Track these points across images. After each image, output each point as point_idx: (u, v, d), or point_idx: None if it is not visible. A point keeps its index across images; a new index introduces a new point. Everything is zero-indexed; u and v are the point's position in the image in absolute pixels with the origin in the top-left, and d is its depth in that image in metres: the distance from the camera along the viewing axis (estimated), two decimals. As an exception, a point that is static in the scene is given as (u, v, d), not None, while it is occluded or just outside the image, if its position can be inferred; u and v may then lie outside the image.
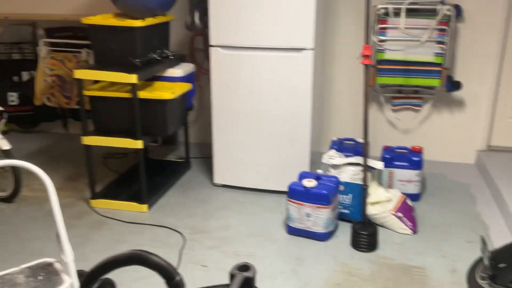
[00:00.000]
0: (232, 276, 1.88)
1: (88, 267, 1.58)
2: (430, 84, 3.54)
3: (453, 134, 3.81)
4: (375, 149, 3.71)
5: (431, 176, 3.56)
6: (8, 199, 3.15)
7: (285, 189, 3.17)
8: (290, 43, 3.00)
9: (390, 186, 3.23)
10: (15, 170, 3.04)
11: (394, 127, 3.89)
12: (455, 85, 3.57)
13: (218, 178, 3.41)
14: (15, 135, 4.32)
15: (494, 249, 2.28)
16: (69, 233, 2.82)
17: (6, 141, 2.99)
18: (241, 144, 3.26)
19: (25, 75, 4.19)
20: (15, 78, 4.18)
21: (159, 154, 3.99)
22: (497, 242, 2.69)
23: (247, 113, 3.19)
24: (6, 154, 3.00)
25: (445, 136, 3.82)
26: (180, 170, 3.65)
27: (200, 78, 3.99)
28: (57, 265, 1.65)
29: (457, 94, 3.73)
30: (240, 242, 2.75)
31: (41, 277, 1.58)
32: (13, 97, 4.09)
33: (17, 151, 3.06)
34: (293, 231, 2.80)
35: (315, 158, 3.36)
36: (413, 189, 3.20)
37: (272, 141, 3.21)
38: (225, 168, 3.36)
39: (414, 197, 3.17)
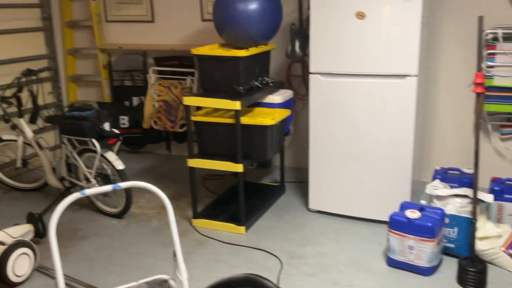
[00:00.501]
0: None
1: (192, 284, 1.66)
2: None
3: None
4: (482, 180, 3.47)
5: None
6: (118, 215, 3.40)
7: (383, 218, 3.09)
8: (393, 70, 2.96)
9: (499, 220, 3.01)
10: (127, 188, 3.28)
11: (503, 157, 3.64)
12: None
13: (313, 204, 3.41)
14: (123, 155, 4.67)
15: None
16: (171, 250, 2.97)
17: (120, 162, 3.25)
18: (338, 170, 3.25)
19: (135, 100, 4.54)
20: (127, 103, 4.54)
21: (254, 176, 4.09)
22: None
23: (346, 139, 3.17)
24: (120, 173, 3.25)
25: None
26: (275, 193, 3.71)
27: (295, 104, 4.06)
28: (172, 282, 1.75)
29: None
30: (339, 271, 2.71)
31: (158, 293, 1.68)
32: (124, 120, 4.43)
33: (126, 170, 3.30)
34: (394, 263, 2.71)
35: (416, 188, 3.24)
36: (526, 225, 2.96)
37: (370, 168, 3.16)
38: (321, 194, 3.36)
39: (528, 234, 2.92)
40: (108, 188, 1.67)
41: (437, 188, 2.88)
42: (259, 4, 3.12)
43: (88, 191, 1.63)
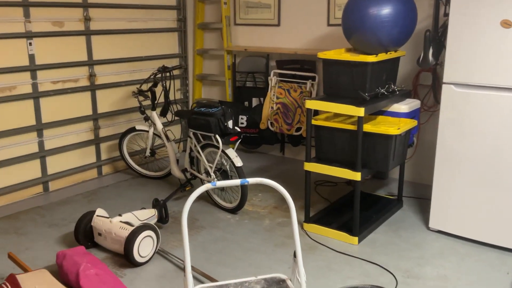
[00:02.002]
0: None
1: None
2: None
3: None
4: None
5: None
6: (233, 210, 3.50)
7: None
8: (541, 84, 2.67)
9: None
10: (243, 185, 3.37)
11: None
12: None
13: (434, 222, 3.20)
14: (239, 153, 4.82)
15: None
16: (284, 250, 2.98)
17: (239, 159, 3.35)
18: (466, 190, 3.00)
19: (254, 101, 4.66)
20: (246, 103, 4.68)
21: (369, 187, 3.96)
22: None
23: (477, 157, 2.93)
24: (238, 170, 3.35)
25: None
26: (391, 207, 3.54)
27: (421, 115, 3.85)
28: (289, 283, 1.75)
29: None
30: (458, 297, 2.51)
31: (275, 292, 1.69)
32: (243, 120, 4.57)
33: (243, 168, 3.39)
34: None
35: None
36: None
37: (504, 191, 2.87)
38: (444, 213, 3.14)
39: None
40: (237, 182, 1.71)
41: None
42: (392, 9, 3.01)
43: (219, 183, 1.69)
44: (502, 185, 2.88)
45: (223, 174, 3.51)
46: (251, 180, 1.74)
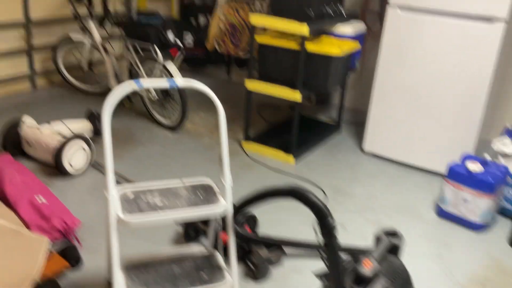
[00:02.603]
0: (378, 240, 1.81)
1: (236, 197, 1.65)
2: None
3: None
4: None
5: None
6: (173, 128, 3.45)
7: (440, 170, 2.95)
8: (480, 9, 2.68)
9: None
10: (183, 102, 3.29)
11: None
12: None
13: (368, 146, 3.30)
14: (184, 73, 4.68)
15: None
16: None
17: (180, 76, 3.25)
18: (401, 116, 3.08)
19: (202, 19, 4.47)
20: (193, 21, 4.49)
21: (311, 112, 3.99)
22: None
23: (414, 84, 2.98)
24: (179, 89, 3.26)
25: None
26: (330, 132, 3.61)
27: (366, 41, 3.84)
28: (216, 188, 1.75)
29: None
30: (385, 214, 2.64)
31: (200, 195, 1.69)
32: (189, 40, 4.40)
33: (193, 90, 3.31)
34: (444, 215, 2.60)
35: (481, 147, 3.04)
36: None
37: (436, 118, 2.97)
38: (378, 137, 3.23)
39: None
40: (164, 83, 1.65)
41: (505, 144, 2.68)
42: None
43: (145, 83, 1.62)
44: (433, 113, 2.97)
45: (163, 92, 3.41)
46: (180, 83, 1.68)
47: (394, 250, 1.75)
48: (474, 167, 2.46)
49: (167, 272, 1.70)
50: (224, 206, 1.63)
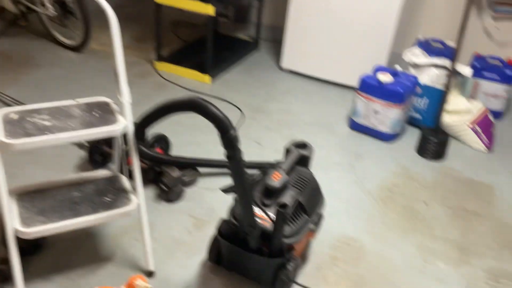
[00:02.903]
0: (287, 152, 1.79)
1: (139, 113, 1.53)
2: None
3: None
4: (464, 56, 3.32)
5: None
6: (77, 49, 3.16)
7: (355, 84, 2.97)
8: None
9: (472, 97, 2.93)
10: (85, 19, 2.99)
11: (490, 37, 3.45)
12: None
13: (286, 63, 3.23)
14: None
15: None
16: (131, 91, 2.80)
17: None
18: (316, 32, 3.01)
19: None
20: None
21: (229, 30, 3.82)
22: None
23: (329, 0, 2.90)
24: (79, 2, 2.94)
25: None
26: (247, 49, 3.49)
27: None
28: (114, 106, 1.61)
29: None
30: (300, 128, 2.64)
31: (96, 114, 1.55)
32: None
33: (90, 5, 2.98)
34: (357, 127, 2.65)
35: (394, 60, 3.07)
36: (497, 105, 2.89)
37: (350, 33, 2.93)
38: (295, 54, 3.16)
39: (496, 114, 2.87)
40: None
41: (416, 55, 2.72)
42: None
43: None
44: (348, 27, 2.92)
45: (62, 6, 3.06)
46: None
47: (303, 161, 1.74)
48: (385, 78, 2.48)
49: (66, 198, 1.58)
50: (122, 124, 1.51)
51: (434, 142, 2.45)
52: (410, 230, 1.95)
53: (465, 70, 2.60)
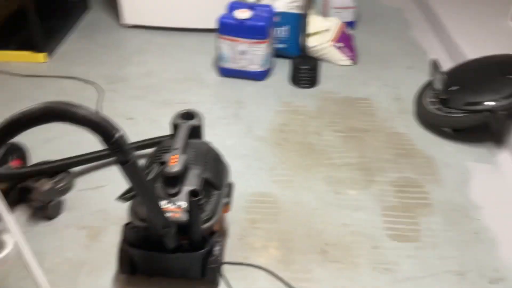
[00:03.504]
0: (175, 127, 1.57)
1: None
2: None
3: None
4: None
5: (363, 2, 3.30)
6: None
7: (210, 26, 2.76)
8: None
9: (325, 14, 2.93)
10: None
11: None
12: None
13: (127, 18, 2.87)
14: None
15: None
16: (-50, 95, 2.25)
17: None
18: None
19: None
20: None
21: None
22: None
23: None
24: None
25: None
26: (77, 10, 3.02)
27: None
28: None
29: None
30: (168, 89, 2.39)
31: None
32: None
33: None
34: (227, 72, 2.48)
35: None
36: (348, 16, 2.94)
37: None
38: (136, 5, 2.81)
39: (350, 25, 2.92)
40: None
41: (265, -17, 2.58)
42: None
43: None
44: (187, -39, 2.65)
45: None
46: None
47: (195, 132, 1.55)
48: (243, 14, 2.32)
49: None
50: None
51: (305, 69, 2.40)
52: (314, 166, 1.92)
53: (315, -12, 2.54)
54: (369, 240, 1.59)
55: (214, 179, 1.44)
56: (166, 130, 1.64)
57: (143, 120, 2.16)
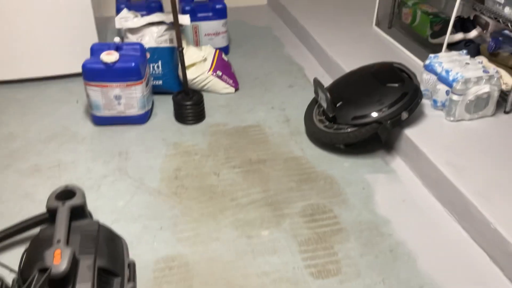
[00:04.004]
0: (50, 212, 1.32)
1: None
2: None
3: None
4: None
5: (232, 25, 3.26)
6: None
7: (75, 70, 2.50)
8: None
9: (197, 43, 2.82)
10: None
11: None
12: None
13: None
14: None
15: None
16: None
17: None
18: (2, 28, 2.35)
19: None
20: None
21: None
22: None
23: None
24: None
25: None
26: None
27: None
28: None
29: None
30: (36, 152, 2.08)
31: None
32: None
33: None
34: (102, 121, 2.24)
35: (101, 26, 2.67)
36: (221, 42, 2.87)
37: (41, 15, 2.38)
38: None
39: (224, 51, 2.85)
40: None
41: (127, 19, 2.39)
42: None
43: None
44: (32, 9, 2.36)
45: None
46: None
47: (77, 212, 1.31)
48: (111, 57, 2.10)
49: None
50: None
51: (189, 105, 2.26)
52: (219, 212, 1.78)
53: (183, 18, 2.41)
54: (293, 285, 1.49)
55: (111, 265, 1.22)
56: (42, 204, 1.38)
57: (10, 196, 1.84)
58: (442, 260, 1.56)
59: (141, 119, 2.26)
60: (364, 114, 1.97)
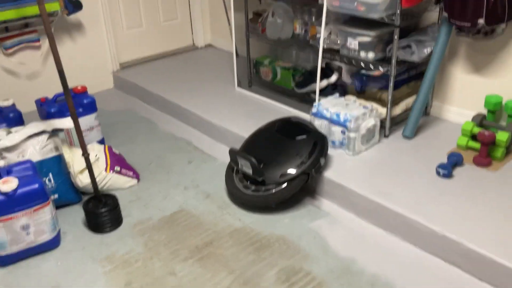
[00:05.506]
0: None
1: None
2: (49, 10, 2.87)
3: (84, 62, 3.35)
4: (21, 107, 2.81)
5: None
6: None
7: None
8: None
9: (71, 143, 2.59)
10: None
11: (17, 75, 3.07)
12: (77, 5, 3.05)
13: None
14: None
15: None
16: None
17: None
18: None
19: None
20: None
21: None
22: (208, 150, 2.66)
23: None
24: None
25: (77, 65, 3.30)
26: None
27: None
28: None
29: (75, 17, 3.21)
30: None
31: None
32: None
33: None
34: (12, 260, 1.89)
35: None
36: (96, 135, 2.70)
37: None
38: None
39: (102, 143, 2.68)
40: None
41: (0, 137, 2.09)
42: None
43: None
44: None
45: None
46: None
47: None
48: (9, 185, 1.80)
49: None
50: None
51: (105, 211, 2.06)
52: (198, 312, 1.67)
53: (65, 122, 2.22)
54: None
55: None
56: None
57: None
58: (414, 278, 1.76)
59: (55, 242, 1.97)
60: (290, 170, 2.10)
